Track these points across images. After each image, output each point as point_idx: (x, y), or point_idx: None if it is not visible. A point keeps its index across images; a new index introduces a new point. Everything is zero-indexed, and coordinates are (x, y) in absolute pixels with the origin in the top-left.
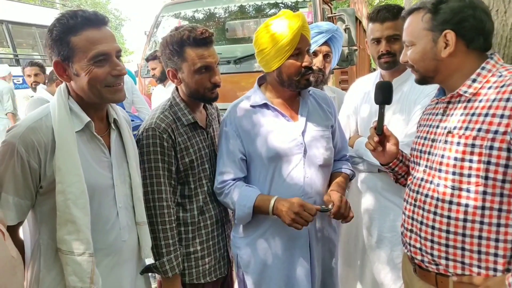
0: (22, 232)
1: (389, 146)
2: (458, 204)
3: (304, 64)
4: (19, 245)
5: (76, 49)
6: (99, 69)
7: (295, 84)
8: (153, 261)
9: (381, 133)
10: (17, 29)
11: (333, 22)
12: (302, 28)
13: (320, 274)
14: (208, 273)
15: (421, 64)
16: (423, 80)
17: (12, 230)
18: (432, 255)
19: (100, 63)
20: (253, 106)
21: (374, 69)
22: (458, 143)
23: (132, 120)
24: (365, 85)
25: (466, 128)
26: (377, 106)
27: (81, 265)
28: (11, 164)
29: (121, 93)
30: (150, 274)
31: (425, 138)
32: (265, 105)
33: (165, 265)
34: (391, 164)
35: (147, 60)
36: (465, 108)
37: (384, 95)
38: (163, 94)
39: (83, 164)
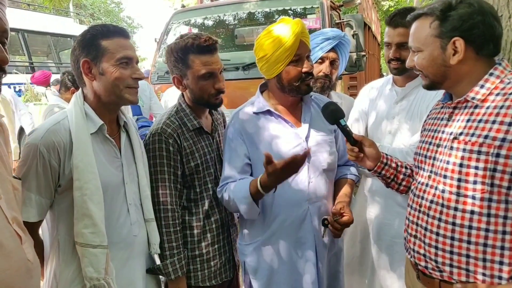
0: (41, 231)
1: (367, 149)
2: (463, 210)
3: (304, 70)
4: (39, 242)
5: (107, 50)
6: (124, 71)
7: (296, 90)
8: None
9: (354, 143)
10: (33, 37)
11: (341, 28)
12: (301, 34)
13: (326, 279)
14: (213, 276)
15: (429, 70)
16: (431, 85)
17: (32, 229)
18: (436, 261)
19: (124, 65)
20: (256, 113)
21: (382, 75)
22: (464, 149)
23: (148, 126)
24: (376, 90)
25: (472, 135)
26: (387, 112)
27: (97, 257)
28: (34, 164)
29: (136, 96)
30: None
31: (429, 143)
32: (268, 112)
33: (168, 267)
34: (376, 168)
35: None
36: (471, 114)
37: (332, 115)
38: (176, 95)
39: (97, 163)
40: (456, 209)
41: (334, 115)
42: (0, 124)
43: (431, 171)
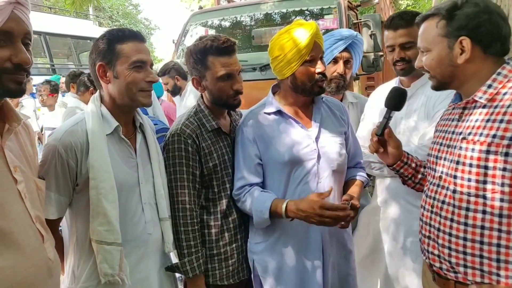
0: (62, 228)
1: (390, 149)
2: (475, 211)
3: (318, 70)
4: (59, 239)
5: (121, 54)
6: (137, 74)
7: (309, 90)
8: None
9: (381, 134)
10: (54, 39)
11: (358, 28)
12: (315, 35)
13: (337, 280)
14: (231, 275)
15: (437, 70)
16: (439, 86)
17: (52, 225)
18: (450, 262)
19: (138, 69)
20: (267, 113)
21: None
22: (473, 149)
23: (156, 124)
24: (383, 94)
25: (481, 134)
26: (398, 113)
27: (111, 254)
28: (53, 164)
29: (150, 98)
30: (178, 277)
31: (441, 144)
32: (279, 112)
33: (186, 265)
34: (395, 165)
35: (158, 75)
36: (480, 114)
37: (397, 101)
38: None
39: (113, 163)
40: (467, 209)
41: (396, 103)
42: (26, 125)
43: (442, 172)
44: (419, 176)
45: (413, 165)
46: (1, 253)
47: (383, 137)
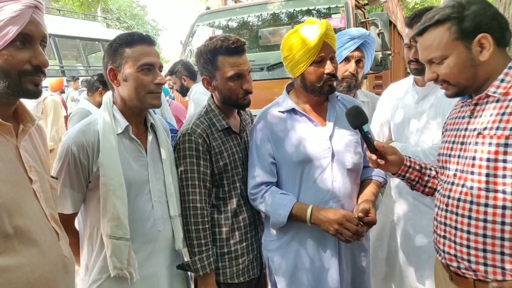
0: (77, 224)
1: (389, 157)
2: (494, 206)
3: (327, 71)
4: (75, 233)
5: (129, 58)
6: (145, 77)
7: (318, 90)
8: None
9: (374, 150)
10: (63, 41)
11: (366, 27)
12: (325, 35)
13: (350, 278)
14: (241, 273)
15: (460, 75)
16: (459, 92)
17: (68, 220)
18: (469, 261)
19: (146, 71)
20: (281, 112)
21: (408, 74)
22: (490, 144)
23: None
24: (399, 90)
25: (497, 128)
26: (410, 112)
27: (120, 248)
28: (66, 162)
29: (159, 100)
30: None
31: (453, 142)
32: (293, 111)
33: (197, 263)
34: (399, 171)
35: (165, 76)
36: (494, 108)
37: (355, 119)
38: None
39: (123, 162)
40: (486, 205)
41: (357, 120)
42: (38, 126)
43: (456, 169)
44: (426, 178)
45: (417, 167)
46: (20, 250)
47: (377, 150)
